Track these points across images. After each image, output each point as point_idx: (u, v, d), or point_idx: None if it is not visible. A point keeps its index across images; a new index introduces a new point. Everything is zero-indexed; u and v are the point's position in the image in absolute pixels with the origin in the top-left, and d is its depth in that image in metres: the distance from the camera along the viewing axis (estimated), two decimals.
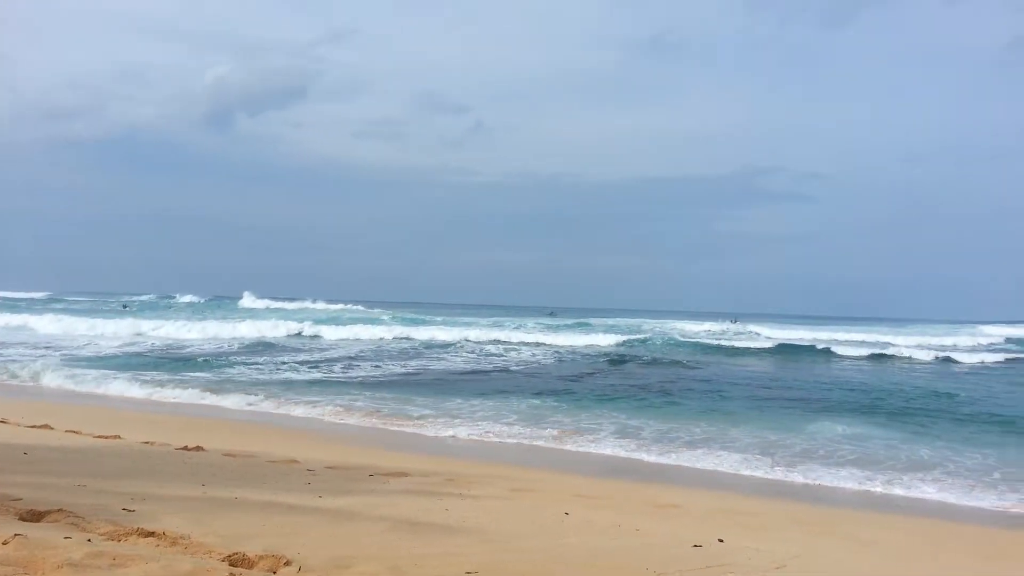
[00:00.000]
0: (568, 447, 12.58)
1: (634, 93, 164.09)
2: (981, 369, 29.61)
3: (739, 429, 14.07)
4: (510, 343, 35.26)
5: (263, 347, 30.49)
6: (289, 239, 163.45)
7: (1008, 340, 42.45)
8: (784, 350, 34.27)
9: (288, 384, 19.24)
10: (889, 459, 12.00)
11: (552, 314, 78.13)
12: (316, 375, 21.51)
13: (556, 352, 31.76)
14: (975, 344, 38.66)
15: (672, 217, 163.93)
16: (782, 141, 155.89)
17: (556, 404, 16.65)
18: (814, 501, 9.55)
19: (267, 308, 58.16)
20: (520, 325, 47.72)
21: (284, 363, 24.22)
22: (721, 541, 6.49)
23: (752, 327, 48.15)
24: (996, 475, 11.10)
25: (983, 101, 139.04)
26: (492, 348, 32.47)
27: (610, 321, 57.56)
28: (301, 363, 24.41)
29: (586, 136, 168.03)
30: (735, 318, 65.73)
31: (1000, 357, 32.26)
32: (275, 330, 36.38)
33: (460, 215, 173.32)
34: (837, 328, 53.18)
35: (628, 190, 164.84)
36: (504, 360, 27.83)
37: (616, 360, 28.69)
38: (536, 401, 17.02)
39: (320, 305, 60.99)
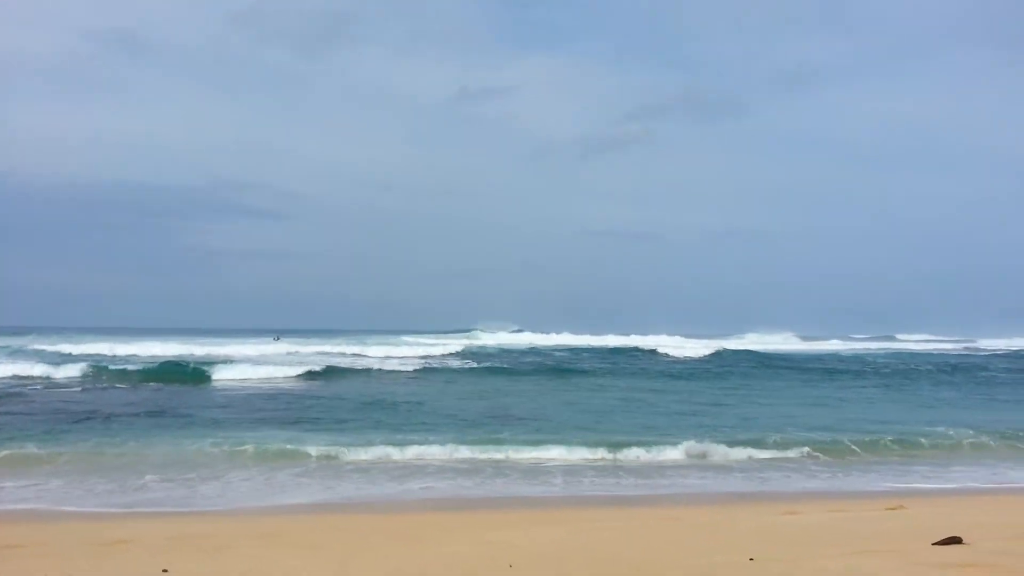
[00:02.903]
0: None
1: (94, 89, 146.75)
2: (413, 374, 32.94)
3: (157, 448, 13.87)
4: None
5: None
6: None
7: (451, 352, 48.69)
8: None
9: None
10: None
11: None
12: None
13: None
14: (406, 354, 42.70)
15: (138, 227, 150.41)
16: (262, 158, 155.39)
17: None
18: (270, 513, 9.76)
19: None
20: None
21: None
22: (165, 572, 6.21)
23: (291, 345, 45.54)
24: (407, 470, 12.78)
25: (436, 143, 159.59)
26: None
27: (33, 344, 45.63)
28: None
29: (33, 131, 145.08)
30: (278, 335, 63.05)
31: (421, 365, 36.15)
32: None
33: None
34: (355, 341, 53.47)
35: (81, 195, 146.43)
36: None
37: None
38: None
39: None
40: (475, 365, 37.86)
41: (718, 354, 46.89)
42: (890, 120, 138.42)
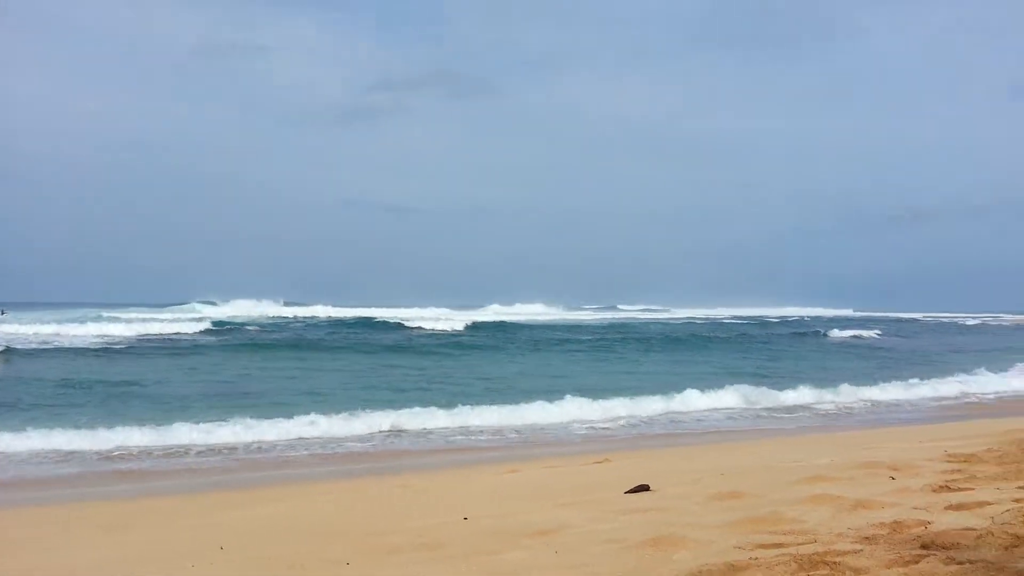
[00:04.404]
0: None
1: None
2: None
3: None
4: None
5: None
6: None
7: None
8: None
9: None
10: None
11: None
12: None
13: None
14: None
15: None
16: None
17: None
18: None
19: None
20: None
21: None
22: None
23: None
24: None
25: (176, 98, 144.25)
26: None
27: None
28: None
29: None
30: (3, 309, 52.97)
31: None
32: None
33: None
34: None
35: None
36: None
37: None
38: None
39: None
40: (205, 341, 35.57)
41: (471, 327, 48.13)
42: (628, 109, 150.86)
